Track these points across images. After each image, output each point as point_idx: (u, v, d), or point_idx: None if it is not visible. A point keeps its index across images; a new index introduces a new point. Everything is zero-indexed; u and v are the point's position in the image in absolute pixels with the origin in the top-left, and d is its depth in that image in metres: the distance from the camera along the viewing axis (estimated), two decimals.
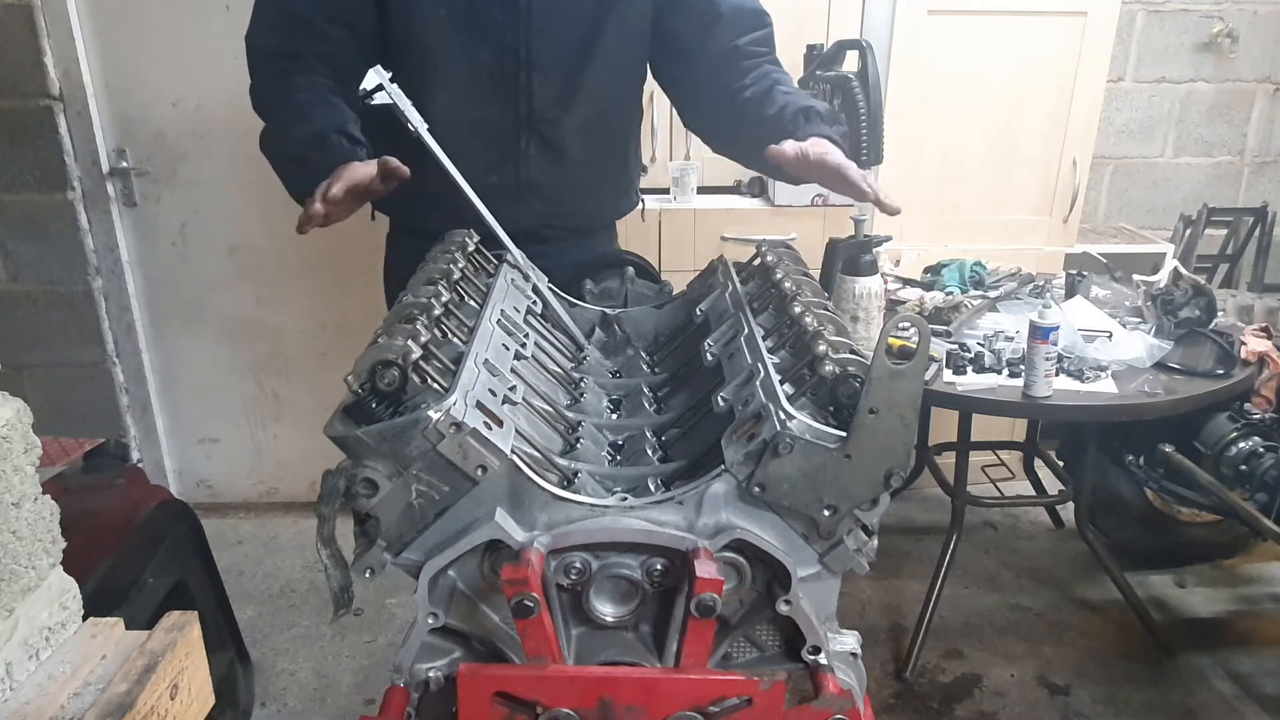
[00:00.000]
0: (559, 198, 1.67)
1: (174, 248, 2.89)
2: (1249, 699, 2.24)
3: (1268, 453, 2.12)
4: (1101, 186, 3.43)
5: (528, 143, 1.62)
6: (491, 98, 1.58)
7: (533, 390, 1.20)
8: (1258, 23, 3.24)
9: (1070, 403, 2.01)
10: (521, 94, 1.58)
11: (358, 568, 0.98)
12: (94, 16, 2.65)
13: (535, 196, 1.65)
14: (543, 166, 1.64)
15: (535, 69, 1.57)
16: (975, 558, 2.82)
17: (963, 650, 2.42)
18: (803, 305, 1.17)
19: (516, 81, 1.57)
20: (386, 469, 0.94)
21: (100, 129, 2.73)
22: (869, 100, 2.60)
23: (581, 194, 1.70)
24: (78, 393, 2.94)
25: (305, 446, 3.09)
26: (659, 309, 1.58)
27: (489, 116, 1.59)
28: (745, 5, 1.65)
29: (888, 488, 0.96)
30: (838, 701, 0.98)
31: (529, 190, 1.64)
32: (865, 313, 2.12)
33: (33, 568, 0.78)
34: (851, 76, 2.60)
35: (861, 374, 0.97)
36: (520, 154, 1.62)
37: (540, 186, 1.65)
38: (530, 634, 0.92)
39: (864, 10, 2.83)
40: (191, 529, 1.99)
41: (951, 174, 2.96)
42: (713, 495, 0.97)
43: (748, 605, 1.01)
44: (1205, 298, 2.24)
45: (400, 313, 1.14)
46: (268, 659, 2.40)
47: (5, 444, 0.76)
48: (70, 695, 0.75)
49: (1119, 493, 2.64)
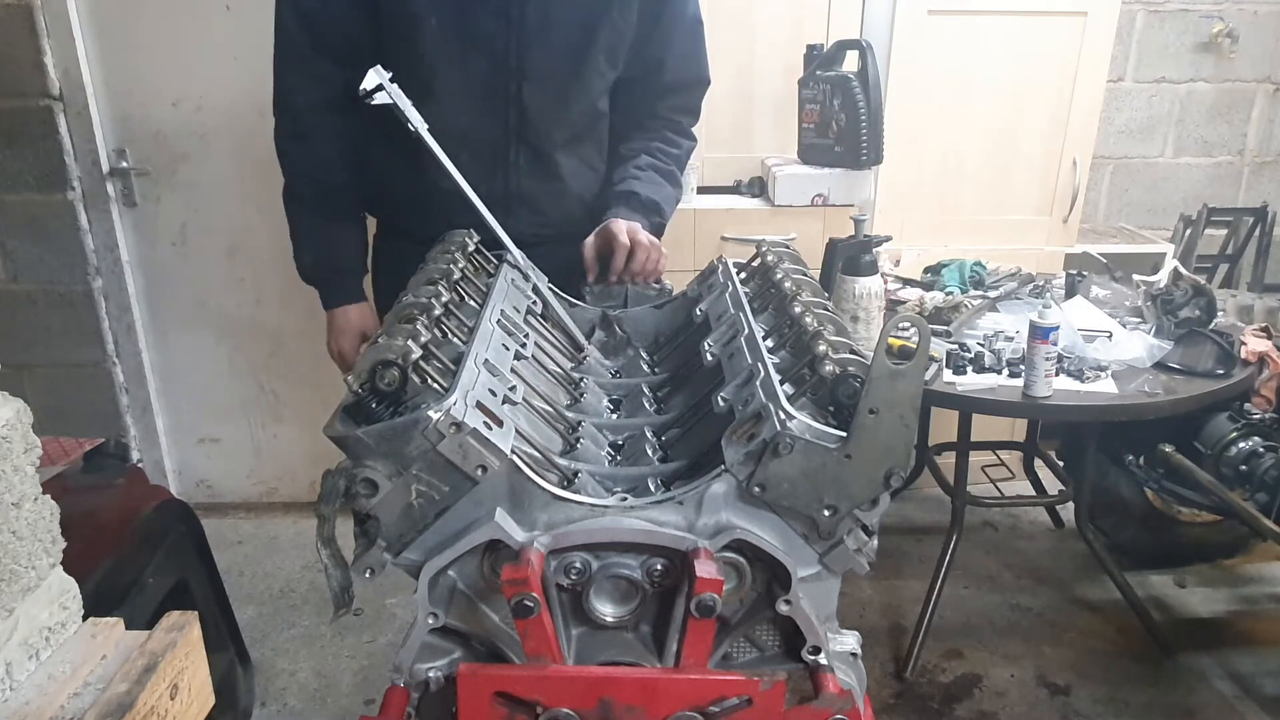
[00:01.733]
0: (548, 207, 1.69)
1: (174, 248, 2.89)
2: (1249, 699, 2.24)
3: (1268, 453, 2.12)
4: (1101, 186, 3.43)
5: (517, 153, 1.64)
6: (483, 107, 1.59)
7: (533, 390, 1.20)
8: (1258, 23, 3.24)
9: (1070, 403, 2.00)
10: (512, 104, 1.59)
11: (358, 568, 0.98)
12: (94, 16, 2.65)
13: (524, 206, 1.66)
14: (532, 177, 1.66)
15: (526, 79, 1.57)
16: (975, 558, 2.82)
17: (963, 650, 2.42)
18: (803, 305, 1.17)
19: (507, 92, 1.58)
20: (386, 469, 0.94)
21: (100, 129, 2.73)
22: (869, 100, 2.60)
23: (570, 203, 1.72)
24: (78, 393, 2.94)
25: (305, 446, 3.09)
26: (659, 309, 1.58)
27: (480, 126, 1.60)
28: (689, 70, 1.74)
29: (888, 488, 0.96)
30: (838, 701, 0.98)
31: (518, 200, 1.66)
32: (865, 313, 2.12)
33: (33, 568, 0.78)
34: (851, 76, 2.61)
35: (861, 374, 0.97)
36: (510, 165, 1.64)
37: (530, 197, 1.67)
38: (530, 634, 0.92)
39: (864, 10, 2.83)
40: (191, 529, 1.99)
41: (951, 174, 2.97)
42: (713, 495, 0.97)
43: (748, 605, 1.01)
44: (1205, 298, 2.24)
45: (400, 313, 1.14)
46: (268, 659, 2.40)
47: (5, 444, 0.75)
48: (70, 695, 0.75)
49: (1119, 493, 2.64)
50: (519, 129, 1.61)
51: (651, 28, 1.64)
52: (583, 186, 1.73)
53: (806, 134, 2.75)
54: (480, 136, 1.60)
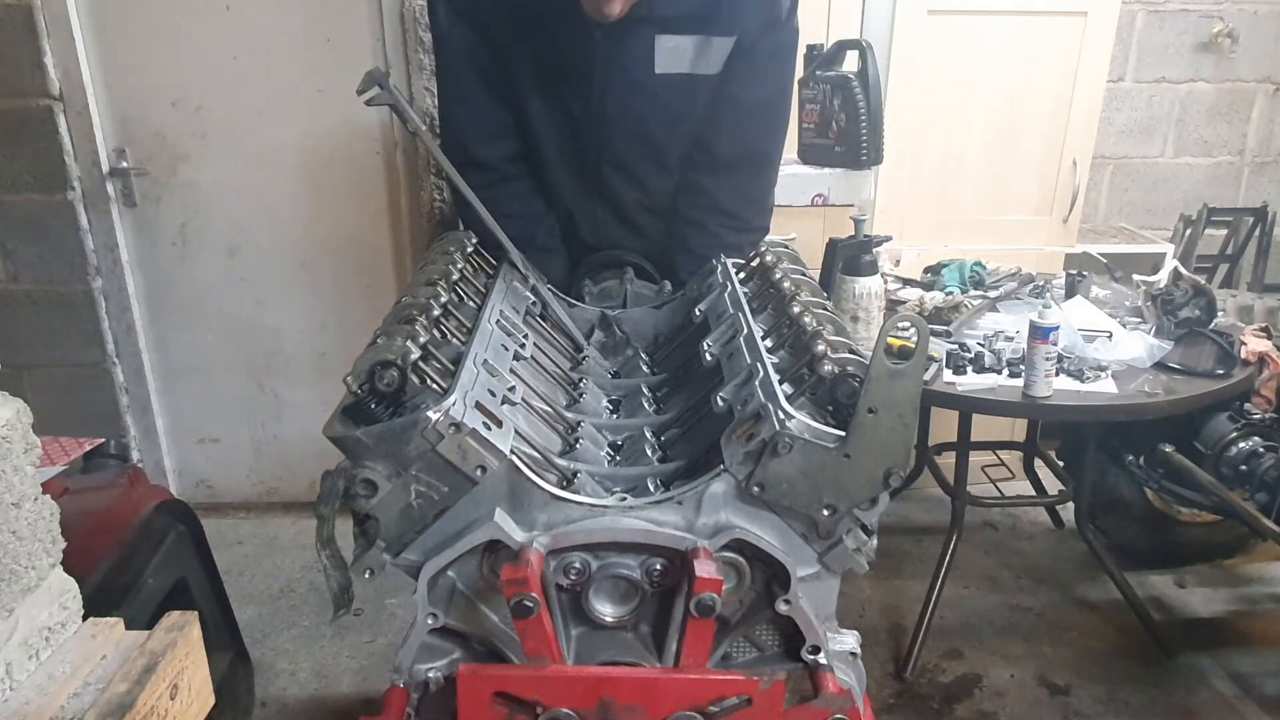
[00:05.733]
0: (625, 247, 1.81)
1: (174, 248, 2.89)
2: (1249, 699, 2.24)
3: (1268, 453, 2.12)
4: (1101, 186, 3.42)
5: (605, 215, 1.76)
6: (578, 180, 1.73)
7: (532, 390, 1.20)
8: (1258, 23, 3.24)
9: (1070, 403, 2.00)
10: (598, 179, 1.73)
11: (357, 568, 0.98)
12: (94, 16, 2.65)
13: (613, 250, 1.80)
14: (615, 232, 1.78)
15: (608, 163, 1.69)
16: (975, 558, 2.82)
17: (963, 650, 2.42)
18: (802, 305, 1.17)
19: (596, 170, 1.71)
20: (386, 470, 0.94)
21: (100, 129, 2.73)
22: (869, 100, 2.60)
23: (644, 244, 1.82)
24: (78, 393, 2.94)
25: (305, 446, 3.08)
26: (658, 309, 1.58)
27: (574, 192, 1.75)
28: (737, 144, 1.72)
29: (887, 487, 0.96)
30: (837, 701, 0.98)
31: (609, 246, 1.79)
32: (865, 313, 2.12)
33: (33, 568, 0.78)
34: (851, 76, 2.60)
35: (861, 374, 0.97)
36: (598, 223, 1.78)
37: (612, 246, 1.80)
38: (530, 634, 0.92)
39: (864, 10, 2.83)
40: (191, 529, 1.99)
41: (951, 174, 2.96)
42: (712, 495, 0.97)
43: (747, 605, 1.01)
44: (1205, 298, 2.24)
45: (399, 313, 1.14)
46: (268, 659, 2.40)
47: (5, 444, 0.76)
48: (70, 695, 0.75)
49: (1119, 493, 2.63)
50: (603, 194, 1.74)
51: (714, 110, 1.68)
52: (657, 231, 1.81)
53: (806, 134, 2.75)
54: (575, 200, 1.75)
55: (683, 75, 1.59)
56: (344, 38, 2.67)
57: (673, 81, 1.59)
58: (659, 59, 1.56)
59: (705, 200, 1.72)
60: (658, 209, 1.77)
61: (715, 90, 1.63)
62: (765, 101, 1.68)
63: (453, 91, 1.70)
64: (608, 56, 1.56)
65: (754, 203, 1.78)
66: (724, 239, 1.70)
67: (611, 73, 1.58)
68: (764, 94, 1.67)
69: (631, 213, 1.76)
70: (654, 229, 1.79)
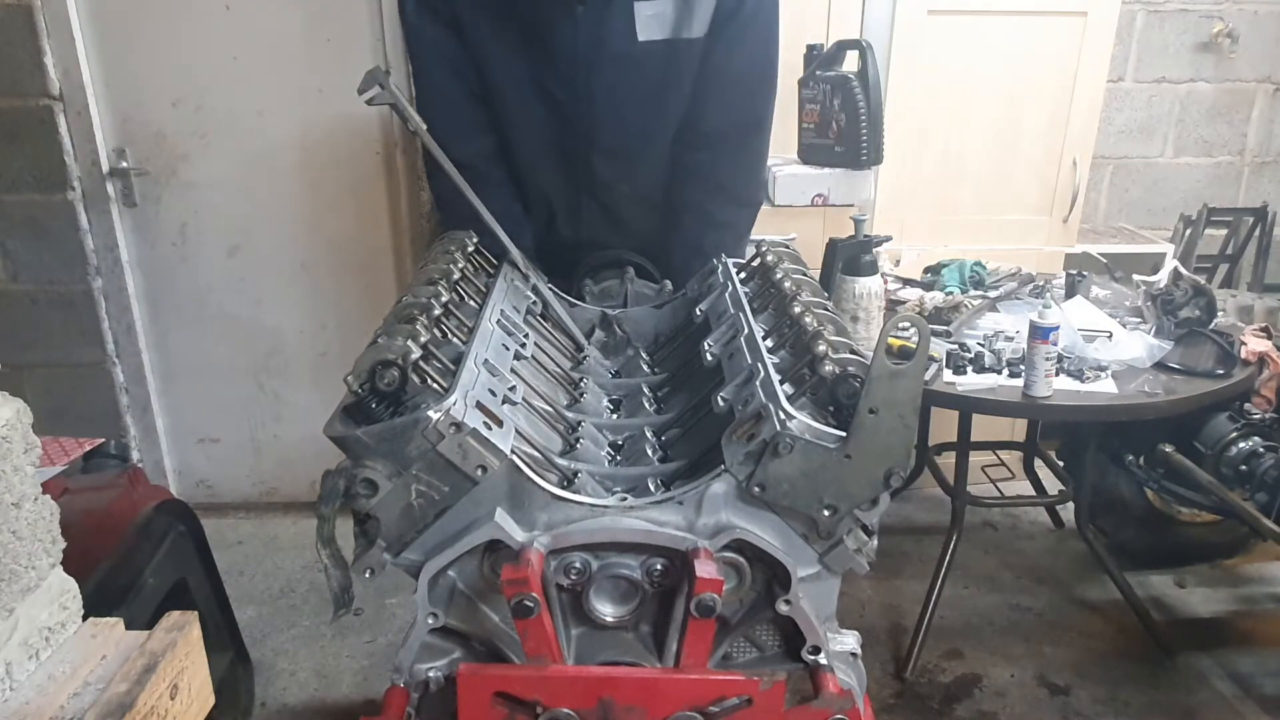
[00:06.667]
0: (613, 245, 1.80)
1: (174, 248, 2.89)
2: (1249, 699, 2.24)
3: (1268, 453, 2.12)
4: (1101, 186, 3.43)
5: (589, 208, 1.75)
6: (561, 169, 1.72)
7: (533, 390, 1.20)
8: (1258, 23, 3.24)
9: (1070, 403, 2.00)
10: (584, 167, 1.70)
11: (358, 568, 0.98)
12: (94, 16, 2.65)
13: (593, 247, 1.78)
14: (600, 226, 1.77)
15: (596, 149, 1.66)
16: (975, 558, 2.82)
17: (963, 650, 2.42)
18: (802, 305, 1.16)
19: (580, 157, 1.68)
20: (386, 469, 0.94)
21: (100, 129, 2.73)
22: (869, 100, 2.60)
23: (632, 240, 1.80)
24: (78, 393, 2.94)
25: (305, 446, 3.08)
26: (659, 309, 1.58)
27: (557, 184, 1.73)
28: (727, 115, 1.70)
29: (888, 488, 0.96)
30: (838, 701, 0.98)
31: (588, 243, 1.78)
32: (865, 313, 2.12)
33: (33, 568, 0.78)
34: (851, 76, 2.60)
35: (861, 374, 0.97)
36: (581, 217, 1.75)
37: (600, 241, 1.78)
38: (530, 634, 0.92)
39: (864, 10, 2.83)
40: (191, 529, 1.99)
41: (951, 174, 2.96)
42: (713, 495, 0.97)
43: (748, 605, 1.01)
44: (1205, 298, 2.24)
45: (400, 313, 1.14)
46: (268, 659, 2.40)
47: (5, 444, 0.76)
48: (70, 695, 0.75)
49: (1119, 493, 2.64)
50: (589, 187, 1.72)
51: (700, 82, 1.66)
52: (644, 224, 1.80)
53: (806, 134, 2.75)
54: (558, 194, 1.73)
55: (665, 42, 1.58)
56: (344, 38, 2.67)
57: (656, 49, 1.58)
58: (640, 26, 1.55)
59: (697, 178, 1.71)
60: (646, 201, 1.75)
61: (701, 61, 1.62)
62: (751, 66, 1.67)
63: (426, 88, 1.68)
64: (590, 31, 1.55)
65: (746, 174, 1.77)
66: (716, 216, 1.71)
67: (595, 48, 1.56)
68: (749, 59, 1.65)
69: (619, 205, 1.74)
70: (640, 224, 1.77)
